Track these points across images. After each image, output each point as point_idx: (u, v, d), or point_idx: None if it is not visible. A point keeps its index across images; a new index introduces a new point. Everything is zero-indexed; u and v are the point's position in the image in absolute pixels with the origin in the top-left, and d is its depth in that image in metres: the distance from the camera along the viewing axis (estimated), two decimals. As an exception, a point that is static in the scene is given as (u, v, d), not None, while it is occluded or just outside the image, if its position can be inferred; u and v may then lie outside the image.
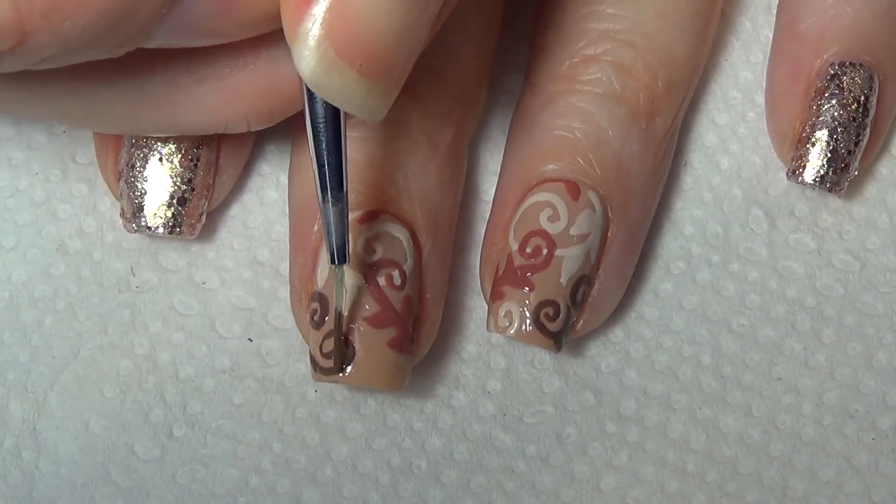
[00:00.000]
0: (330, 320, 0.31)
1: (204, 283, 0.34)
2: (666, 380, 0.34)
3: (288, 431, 0.33)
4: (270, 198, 0.35)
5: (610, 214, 0.32)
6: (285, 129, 0.36)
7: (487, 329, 0.32)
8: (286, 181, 0.35)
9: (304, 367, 0.34)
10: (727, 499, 0.33)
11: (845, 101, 0.33)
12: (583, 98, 0.32)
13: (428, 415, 0.34)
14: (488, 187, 0.36)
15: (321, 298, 0.31)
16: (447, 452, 0.33)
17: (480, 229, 0.35)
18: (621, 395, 0.34)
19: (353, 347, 0.30)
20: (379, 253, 0.31)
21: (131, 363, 0.34)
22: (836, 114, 0.33)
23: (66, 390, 0.33)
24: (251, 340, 0.34)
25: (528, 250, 0.32)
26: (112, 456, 0.33)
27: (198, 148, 0.32)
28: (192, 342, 0.34)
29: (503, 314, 0.31)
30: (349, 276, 0.31)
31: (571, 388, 0.34)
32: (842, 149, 0.33)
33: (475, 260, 0.35)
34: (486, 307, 0.33)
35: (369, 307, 0.31)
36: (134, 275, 0.34)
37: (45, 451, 0.33)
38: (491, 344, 0.34)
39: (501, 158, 0.35)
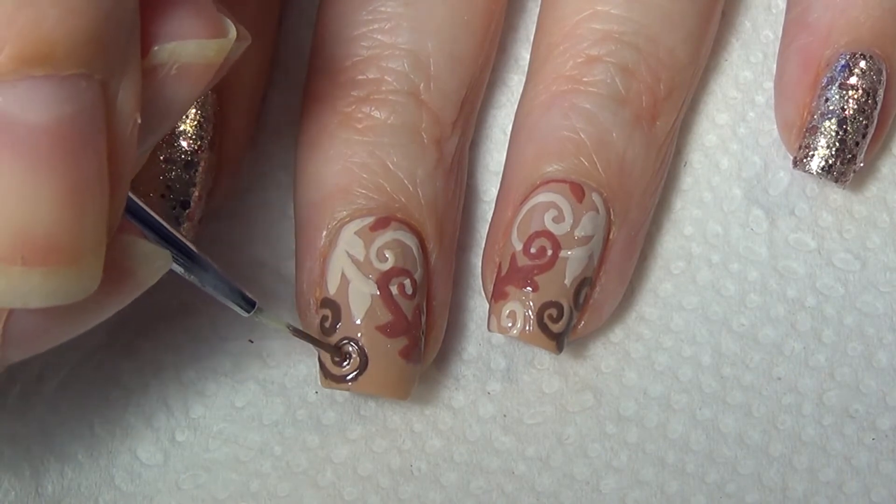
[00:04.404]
0: (342, 327, 0.31)
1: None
2: (666, 380, 0.34)
3: (288, 434, 0.33)
4: (270, 198, 0.35)
5: (612, 217, 0.32)
6: (286, 130, 0.36)
7: (489, 328, 0.32)
8: (286, 181, 0.35)
9: (305, 368, 0.34)
10: (727, 499, 0.33)
11: (856, 92, 0.33)
12: (587, 99, 0.32)
13: (428, 416, 0.34)
14: (489, 187, 0.36)
15: (332, 305, 0.31)
16: (447, 454, 0.34)
17: (481, 229, 0.35)
18: (621, 396, 0.34)
19: (365, 356, 0.31)
20: (391, 261, 0.31)
21: (133, 365, 0.34)
22: (845, 104, 0.33)
23: (73, 389, 0.34)
24: (252, 342, 0.34)
25: (533, 250, 0.32)
26: (115, 460, 0.33)
27: (200, 151, 0.32)
28: (194, 344, 0.34)
29: (506, 314, 0.32)
30: (362, 282, 0.31)
31: (571, 389, 0.34)
32: (850, 139, 0.33)
33: (476, 260, 0.35)
34: (487, 307, 0.33)
35: (382, 316, 0.31)
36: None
37: (51, 448, 0.33)
38: (491, 344, 0.34)
39: (502, 158, 0.35)
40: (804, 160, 0.33)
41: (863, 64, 0.33)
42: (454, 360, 0.34)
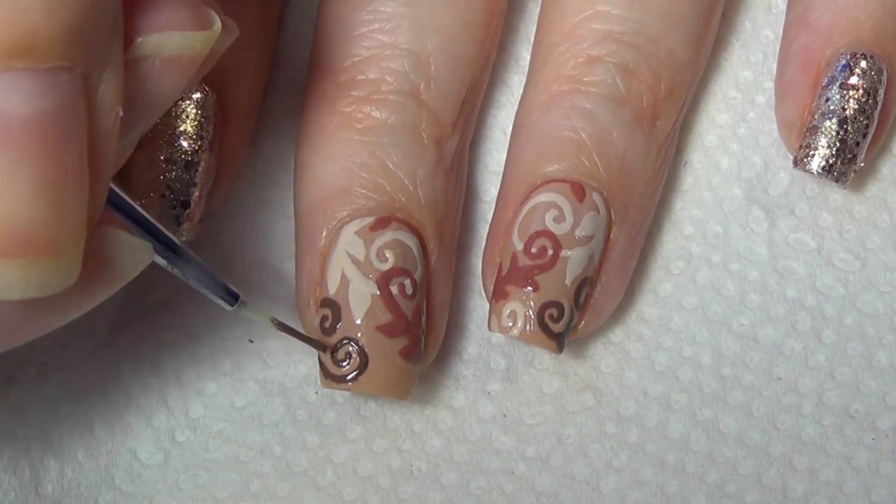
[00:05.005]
0: (342, 327, 0.31)
1: (205, 284, 0.34)
2: (666, 380, 0.34)
3: (289, 434, 0.33)
4: (270, 198, 0.35)
5: (612, 217, 0.32)
6: (286, 130, 0.36)
7: (489, 328, 0.32)
8: (286, 181, 0.35)
9: (305, 368, 0.34)
10: (727, 499, 0.33)
11: (856, 92, 0.33)
12: (588, 99, 0.32)
13: (428, 416, 0.34)
14: (489, 187, 0.36)
15: (332, 304, 0.31)
16: (447, 454, 0.34)
17: (480, 229, 0.35)
18: (621, 396, 0.34)
19: (365, 356, 0.31)
20: (391, 261, 0.31)
21: (133, 365, 0.34)
22: (846, 104, 0.33)
23: (72, 388, 0.33)
24: (252, 342, 0.34)
25: (533, 250, 0.32)
26: (115, 460, 0.33)
27: (201, 151, 0.32)
28: (194, 344, 0.34)
29: (507, 314, 0.32)
30: (362, 282, 0.31)
31: (571, 389, 0.34)
32: (850, 139, 0.33)
33: (475, 260, 0.35)
34: (487, 307, 0.33)
35: (382, 316, 0.31)
36: (137, 275, 0.34)
37: (51, 449, 0.33)
38: (491, 344, 0.34)
39: (502, 158, 0.35)
40: (805, 160, 0.33)
41: (863, 64, 0.33)
42: (454, 360, 0.34)
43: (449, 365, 0.34)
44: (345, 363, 0.31)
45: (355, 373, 0.31)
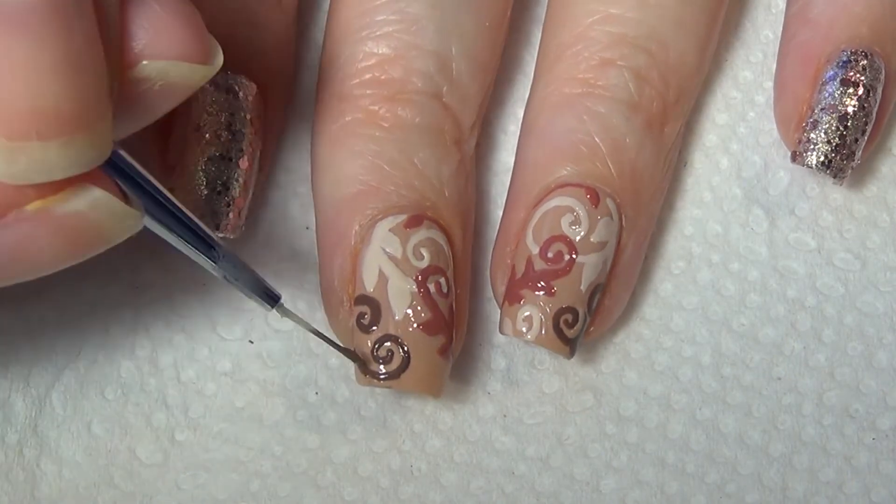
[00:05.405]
0: (384, 324, 0.31)
1: (205, 284, 0.34)
2: (666, 380, 0.34)
3: (289, 434, 0.33)
4: (272, 199, 0.35)
5: (623, 223, 0.32)
6: (287, 129, 0.36)
7: (502, 331, 0.32)
8: (285, 181, 0.35)
9: (305, 368, 0.34)
10: (727, 500, 0.33)
11: (856, 88, 0.33)
12: (602, 103, 0.32)
13: (428, 416, 0.34)
14: (490, 187, 0.36)
15: (370, 302, 0.31)
16: (447, 454, 0.33)
17: (481, 229, 0.35)
18: (621, 396, 0.34)
19: (408, 353, 0.31)
20: (427, 259, 0.31)
21: (132, 364, 0.34)
22: (846, 100, 0.33)
23: (68, 389, 0.33)
24: (252, 342, 0.34)
25: (550, 255, 0.31)
26: (115, 459, 0.33)
27: (252, 146, 0.32)
28: (194, 344, 0.34)
29: (522, 318, 0.31)
30: (401, 280, 0.31)
31: (571, 389, 0.34)
32: (850, 136, 0.33)
33: (475, 260, 0.35)
34: (488, 307, 0.33)
35: (423, 314, 0.31)
36: (136, 275, 0.34)
37: (47, 450, 0.33)
38: (491, 344, 0.34)
39: (502, 158, 0.35)
40: (804, 154, 0.33)
41: (864, 60, 0.33)
42: (454, 360, 0.34)
43: (449, 365, 0.34)
44: (386, 361, 0.31)
45: (398, 370, 0.31)
